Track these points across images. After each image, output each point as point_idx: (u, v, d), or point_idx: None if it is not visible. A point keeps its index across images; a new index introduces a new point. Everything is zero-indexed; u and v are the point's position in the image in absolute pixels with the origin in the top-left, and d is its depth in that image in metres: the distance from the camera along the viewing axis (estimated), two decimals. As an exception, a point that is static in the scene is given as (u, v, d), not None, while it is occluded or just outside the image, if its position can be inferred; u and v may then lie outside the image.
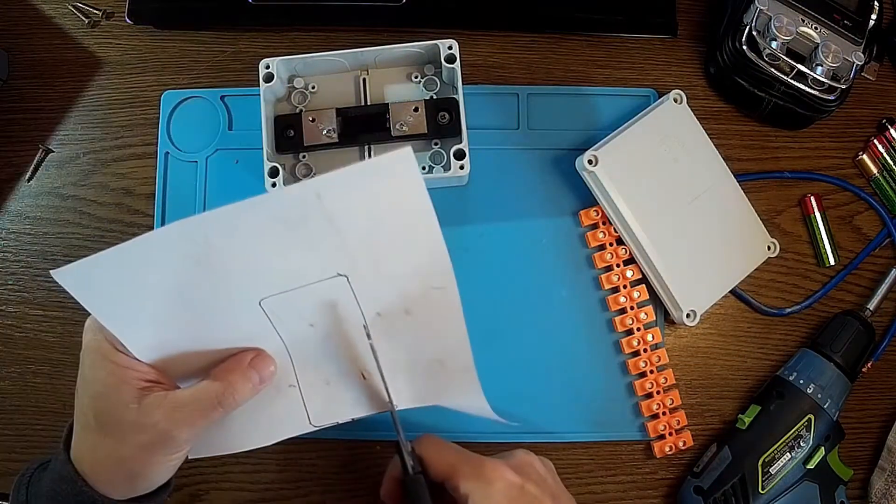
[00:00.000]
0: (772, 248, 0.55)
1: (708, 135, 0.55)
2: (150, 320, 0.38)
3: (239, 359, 0.40)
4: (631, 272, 0.54)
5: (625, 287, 0.54)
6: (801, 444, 0.50)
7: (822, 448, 0.50)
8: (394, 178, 0.37)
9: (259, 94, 0.51)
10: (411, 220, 0.38)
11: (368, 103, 0.53)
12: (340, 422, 0.44)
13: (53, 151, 0.57)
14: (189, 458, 0.41)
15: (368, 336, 0.41)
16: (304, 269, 0.39)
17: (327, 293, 0.40)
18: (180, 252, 0.36)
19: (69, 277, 0.35)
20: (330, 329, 0.41)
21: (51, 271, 0.34)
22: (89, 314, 0.38)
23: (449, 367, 0.42)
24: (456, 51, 0.51)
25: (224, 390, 0.38)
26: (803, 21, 0.52)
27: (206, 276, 0.37)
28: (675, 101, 0.54)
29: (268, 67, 0.51)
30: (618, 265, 0.54)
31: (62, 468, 0.38)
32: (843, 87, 0.52)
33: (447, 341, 0.41)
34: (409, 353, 0.42)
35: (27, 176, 0.57)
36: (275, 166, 0.50)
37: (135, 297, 0.37)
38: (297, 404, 0.43)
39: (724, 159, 0.55)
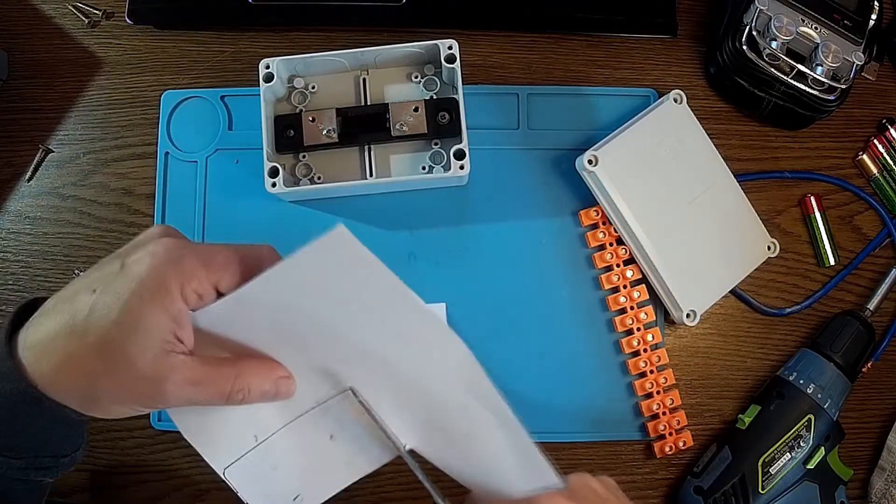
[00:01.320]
0: (772, 248, 0.55)
1: (708, 135, 0.55)
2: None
3: (270, 365, 0.37)
4: (631, 272, 0.54)
5: (625, 287, 0.54)
6: (801, 444, 0.50)
7: (822, 448, 0.50)
8: (339, 256, 0.33)
9: (259, 94, 0.51)
10: (379, 294, 0.35)
11: (368, 103, 0.53)
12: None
13: (53, 151, 0.57)
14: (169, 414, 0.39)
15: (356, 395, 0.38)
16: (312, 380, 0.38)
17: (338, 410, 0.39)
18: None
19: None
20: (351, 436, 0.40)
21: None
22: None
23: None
24: (456, 51, 0.51)
25: (237, 381, 0.35)
26: (803, 21, 0.52)
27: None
28: (675, 101, 0.54)
29: (268, 67, 0.51)
30: (618, 265, 0.54)
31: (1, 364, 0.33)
32: (843, 87, 0.52)
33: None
34: None
35: (27, 176, 0.57)
36: (275, 166, 0.50)
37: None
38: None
39: (724, 159, 0.55)
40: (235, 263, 0.35)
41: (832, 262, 0.56)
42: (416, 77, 0.54)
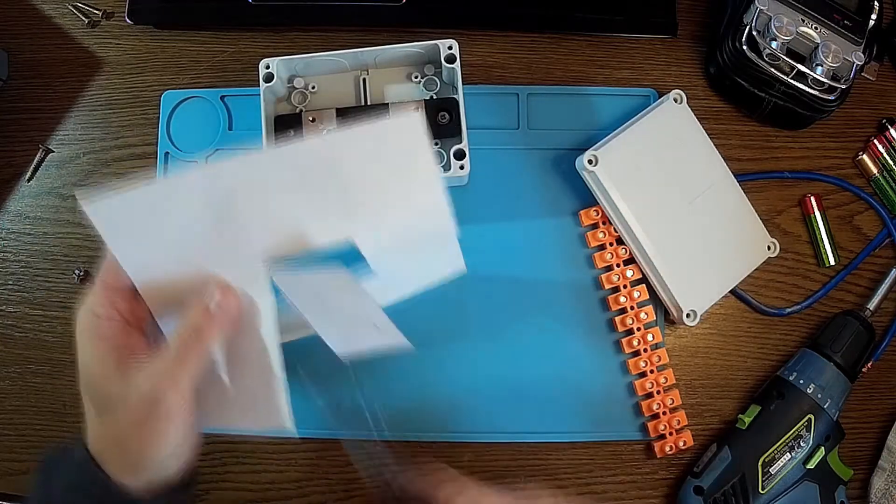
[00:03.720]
0: (772, 248, 0.55)
1: (708, 135, 0.55)
2: (158, 260, 0.38)
3: (200, 298, 0.38)
4: (631, 272, 0.54)
5: (625, 287, 0.54)
6: (801, 444, 0.50)
7: (822, 448, 0.50)
8: (402, 140, 0.38)
9: (259, 94, 0.51)
10: (417, 182, 0.40)
11: (368, 103, 0.53)
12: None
13: (53, 151, 0.57)
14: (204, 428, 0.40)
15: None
16: (312, 228, 0.39)
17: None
18: (200, 196, 0.37)
19: (95, 208, 0.35)
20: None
21: (78, 197, 0.35)
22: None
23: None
24: (456, 51, 0.51)
25: (188, 333, 0.36)
26: (803, 21, 0.52)
27: (220, 226, 0.38)
28: (675, 101, 0.54)
29: (268, 67, 0.51)
30: (618, 265, 0.54)
31: (79, 452, 0.37)
32: (843, 87, 0.52)
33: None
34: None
35: (27, 176, 0.57)
36: (275, 166, 0.50)
37: (152, 237, 0.37)
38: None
39: (724, 159, 0.55)
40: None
41: (832, 262, 0.56)
42: (416, 77, 0.54)
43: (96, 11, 0.59)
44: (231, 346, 0.40)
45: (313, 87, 0.53)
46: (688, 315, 0.52)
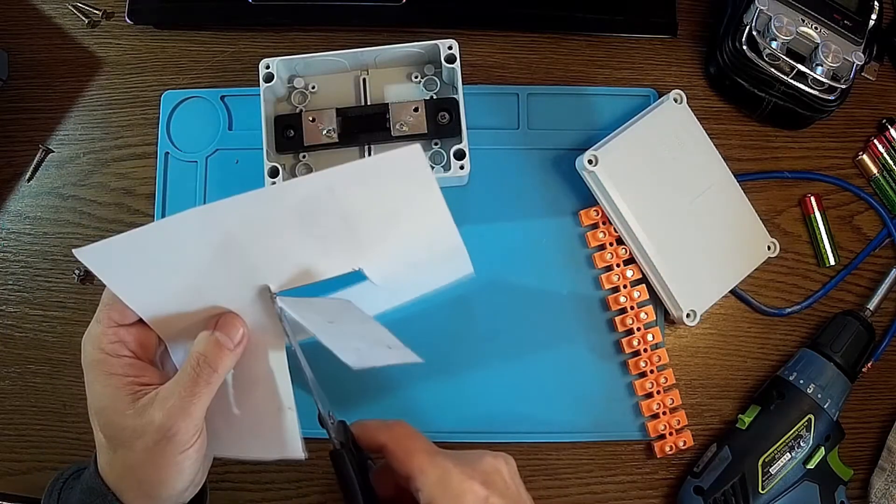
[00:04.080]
0: (772, 248, 0.55)
1: (708, 135, 0.55)
2: (163, 298, 0.38)
3: (207, 329, 0.39)
4: (631, 272, 0.54)
5: (625, 287, 0.54)
6: (801, 444, 0.50)
7: (822, 448, 0.50)
8: (404, 173, 0.38)
9: (259, 94, 0.51)
10: (424, 215, 0.40)
11: (368, 103, 0.53)
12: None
13: (53, 151, 0.57)
14: (214, 455, 0.41)
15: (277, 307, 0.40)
16: (318, 263, 0.39)
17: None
18: (197, 238, 0.37)
19: (91, 256, 0.36)
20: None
21: (73, 250, 0.35)
22: (87, 326, 0.38)
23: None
24: (456, 51, 0.51)
25: (198, 363, 0.37)
26: (803, 21, 0.52)
27: (221, 263, 0.37)
28: (675, 101, 0.54)
29: (268, 67, 0.51)
30: (618, 265, 0.54)
31: (92, 481, 0.38)
32: (843, 87, 0.52)
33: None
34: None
35: (27, 176, 0.57)
36: (275, 166, 0.50)
37: (153, 277, 0.38)
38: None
39: (724, 159, 0.55)
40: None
41: (832, 262, 0.56)
42: (416, 77, 0.54)
43: (96, 11, 0.59)
44: (240, 375, 0.40)
45: (313, 87, 0.53)
46: (688, 315, 0.52)
